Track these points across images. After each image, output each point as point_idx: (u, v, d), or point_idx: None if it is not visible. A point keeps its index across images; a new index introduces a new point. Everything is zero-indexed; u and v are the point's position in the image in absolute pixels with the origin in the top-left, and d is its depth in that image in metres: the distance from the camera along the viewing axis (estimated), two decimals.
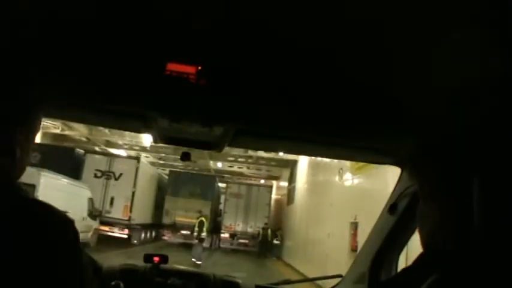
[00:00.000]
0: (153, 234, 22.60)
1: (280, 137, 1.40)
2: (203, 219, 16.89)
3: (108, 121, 1.69)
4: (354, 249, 9.94)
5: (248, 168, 26.34)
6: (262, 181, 28.29)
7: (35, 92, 1.05)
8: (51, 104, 1.30)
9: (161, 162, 27.03)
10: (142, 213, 20.22)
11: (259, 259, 20.64)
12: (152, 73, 1.09)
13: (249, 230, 23.69)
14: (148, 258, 2.21)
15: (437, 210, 0.84)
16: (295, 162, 21.74)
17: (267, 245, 22.92)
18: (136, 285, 2.10)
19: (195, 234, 16.34)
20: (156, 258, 2.19)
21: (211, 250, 21.68)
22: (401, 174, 1.77)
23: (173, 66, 1.10)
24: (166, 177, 24.41)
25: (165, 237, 22.54)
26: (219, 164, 25.75)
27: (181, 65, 1.10)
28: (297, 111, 1.20)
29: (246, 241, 23.63)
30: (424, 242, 0.90)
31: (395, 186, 1.75)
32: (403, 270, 0.88)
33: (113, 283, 1.95)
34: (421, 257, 0.87)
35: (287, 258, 20.50)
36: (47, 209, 0.95)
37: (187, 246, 19.06)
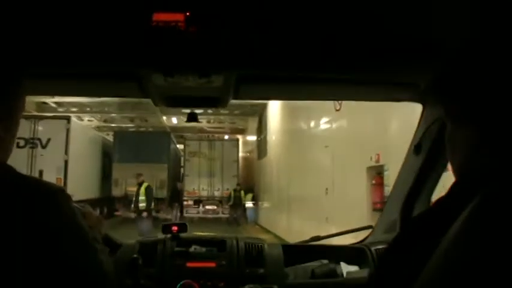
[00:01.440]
0: (105, 210, 18.84)
1: (287, 80, 1.35)
2: (147, 184, 12.99)
3: (100, 88, 1.63)
4: (377, 207, 6.54)
5: (209, 122, 22.52)
6: (226, 137, 24.55)
7: (12, 66, 0.96)
8: (34, 78, 1.25)
9: (108, 125, 22.94)
10: (83, 187, 16.34)
11: (230, 227, 17.33)
12: (138, 26, 1.06)
13: (217, 193, 20.20)
14: (166, 228, 2.13)
15: (471, 132, 0.74)
16: (264, 107, 18.15)
17: (240, 209, 19.59)
18: (156, 258, 2.03)
19: (141, 205, 12.51)
20: (174, 228, 2.11)
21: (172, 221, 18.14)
22: (423, 111, 1.71)
23: (160, 16, 1.06)
24: None
25: (118, 213, 18.89)
26: (174, 120, 21.76)
27: (168, 13, 1.07)
28: (301, 48, 1.14)
29: (214, 207, 20.19)
30: (458, 171, 0.81)
31: (418, 125, 1.69)
32: (437, 201, 0.73)
33: (131, 258, 1.83)
34: (455, 186, 0.75)
35: (267, 223, 17.23)
36: (35, 181, 0.97)
37: None
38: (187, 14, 1.06)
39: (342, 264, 2.06)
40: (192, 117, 1.78)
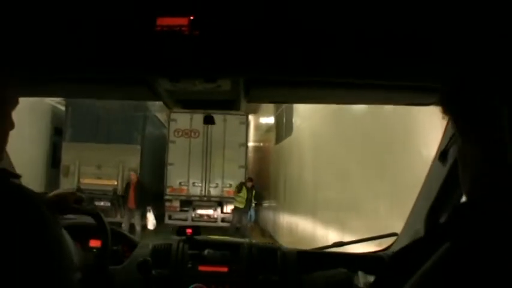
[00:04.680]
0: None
1: (301, 84, 1.31)
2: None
3: (111, 92, 1.65)
4: None
5: None
6: None
7: (5, 68, 0.95)
8: (41, 82, 1.30)
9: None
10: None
11: None
12: (142, 31, 1.08)
13: (214, 191, 13.81)
14: (180, 231, 2.14)
15: (480, 151, 0.72)
16: None
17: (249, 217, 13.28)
18: (168, 260, 2.03)
19: None
20: (189, 231, 2.12)
21: (145, 233, 11.69)
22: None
23: (163, 21, 1.08)
24: None
25: (70, 215, 12.48)
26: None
27: (172, 18, 1.09)
28: (311, 52, 1.11)
29: (210, 212, 13.79)
30: (467, 191, 0.78)
31: (444, 132, 1.62)
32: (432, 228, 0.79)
33: (140, 259, 1.85)
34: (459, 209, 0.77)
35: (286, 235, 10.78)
36: (13, 189, 0.92)
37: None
38: (191, 18, 1.07)
39: (360, 273, 1.90)
40: (209, 120, 1.86)
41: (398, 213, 3.39)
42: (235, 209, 13.00)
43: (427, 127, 3.55)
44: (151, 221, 11.53)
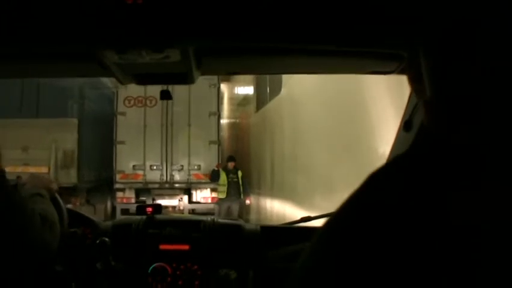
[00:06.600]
0: None
1: (257, 52, 1.22)
2: None
3: (60, 70, 1.55)
4: None
5: None
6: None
7: None
8: None
9: None
10: None
11: None
12: (84, 1, 0.99)
13: (178, 175, 10.69)
14: (140, 210, 2.09)
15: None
16: None
17: (237, 205, 10.16)
18: (128, 240, 1.99)
19: None
20: (149, 209, 2.06)
21: None
22: None
23: None
24: None
25: None
26: None
27: None
28: (262, 16, 1.00)
29: (174, 202, 10.69)
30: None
31: (408, 101, 1.54)
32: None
33: (98, 241, 1.80)
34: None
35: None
36: None
37: None
38: None
39: None
40: (166, 95, 1.80)
41: None
42: (220, 201, 10.04)
43: None
44: None
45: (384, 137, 3.77)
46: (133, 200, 10.57)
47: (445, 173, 0.53)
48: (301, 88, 7.04)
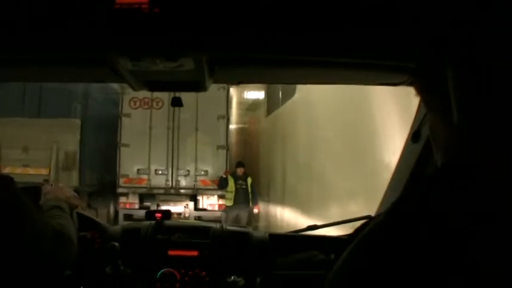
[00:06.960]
0: None
1: (269, 63, 1.25)
2: None
3: (72, 75, 1.62)
4: None
5: None
6: None
7: None
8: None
9: None
10: None
11: None
12: (100, 9, 1.00)
13: (184, 181, 10.28)
14: (149, 215, 2.11)
15: (448, 123, 0.70)
16: None
17: (245, 213, 9.62)
18: (137, 245, 2.01)
19: None
20: (158, 215, 2.07)
21: None
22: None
23: None
24: None
25: None
26: None
27: None
28: (275, 29, 1.03)
29: (180, 208, 10.22)
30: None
31: (417, 111, 1.62)
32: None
33: (108, 245, 1.81)
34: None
35: None
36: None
37: None
38: None
39: (333, 256, 1.65)
40: (177, 102, 1.77)
41: None
42: (227, 209, 9.62)
43: None
44: None
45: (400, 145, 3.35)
46: (136, 206, 10.18)
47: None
48: (318, 91, 6.61)
